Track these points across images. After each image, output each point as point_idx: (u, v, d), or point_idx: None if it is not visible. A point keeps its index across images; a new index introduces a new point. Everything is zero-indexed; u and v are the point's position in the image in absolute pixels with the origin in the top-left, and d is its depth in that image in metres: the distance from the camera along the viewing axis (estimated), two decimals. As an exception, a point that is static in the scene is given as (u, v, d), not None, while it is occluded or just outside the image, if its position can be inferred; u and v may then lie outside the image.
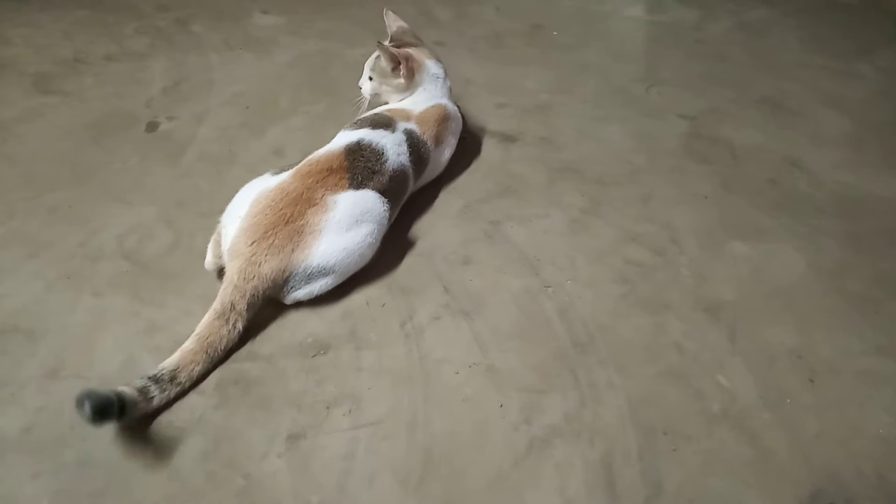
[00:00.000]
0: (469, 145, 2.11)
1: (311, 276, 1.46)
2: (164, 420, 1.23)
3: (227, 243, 1.48)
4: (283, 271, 1.43)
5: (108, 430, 1.21)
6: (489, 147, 2.14)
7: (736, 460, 1.25)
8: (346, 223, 1.50)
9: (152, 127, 2.09)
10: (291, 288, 1.46)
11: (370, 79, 1.97)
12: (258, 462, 1.18)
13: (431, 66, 1.96)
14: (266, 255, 1.42)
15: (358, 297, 1.53)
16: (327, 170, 1.55)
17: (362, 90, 2.01)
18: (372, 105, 1.96)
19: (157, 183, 1.84)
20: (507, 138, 2.19)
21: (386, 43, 1.95)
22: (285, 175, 1.56)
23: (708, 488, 1.20)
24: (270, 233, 1.44)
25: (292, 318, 1.46)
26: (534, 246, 1.71)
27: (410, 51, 1.95)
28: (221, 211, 1.72)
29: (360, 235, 1.52)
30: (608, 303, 1.57)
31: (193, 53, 2.57)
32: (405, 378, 1.35)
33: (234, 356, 1.36)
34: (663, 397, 1.35)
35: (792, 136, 2.31)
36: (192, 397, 1.27)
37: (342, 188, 1.54)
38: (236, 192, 1.80)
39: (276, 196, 1.49)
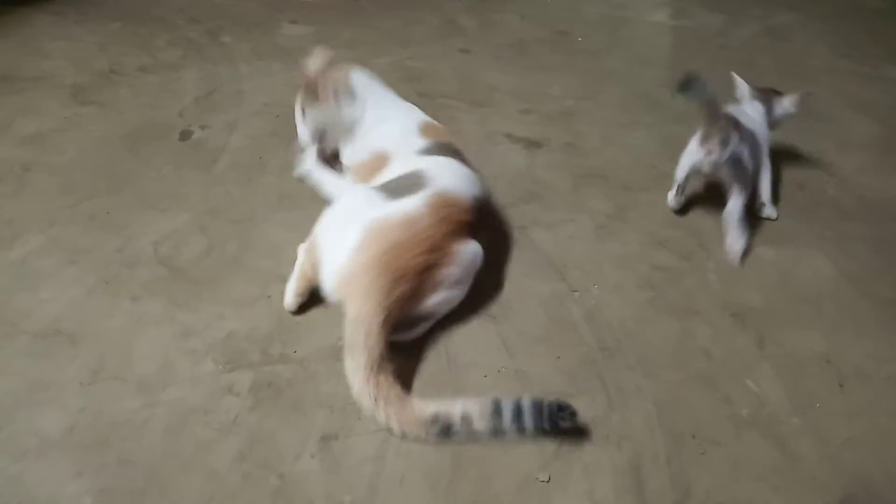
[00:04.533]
0: (494, 152, 2.13)
1: (413, 323, 1.43)
2: (200, 421, 1.26)
3: (334, 273, 1.40)
4: (400, 318, 1.37)
5: (147, 431, 1.25)
6: (514, 153, 2.15)
7: (764, 465, 1.25)
8: (460, 277, 1.45)
9: (185, 136, 2.14)
10: (396, 331, 1.38)
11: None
12: (292, 463, 1.20)
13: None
14: (396, 302, 1.34)
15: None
16: (461, 221, 1.47)
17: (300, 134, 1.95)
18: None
19: (190, 190, 1.89)
20: (533, 144, 2.21)
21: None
22: (412, 206, 1.43)
23: (736, 493, 1.20)
24: (402, 279, 1.35)
25: (323, 321, 1.49)
26: (560, 251, 1.73)
27: None
28: (253, 217, 1.77)
29: (464, 288, 1.49)
30: (635, 308, 1.58)
31: (224, 64, 2.62)
32: (434, 381, 1.37)
33: (267, 359, 1.39)
34: (691, 402, 1.35)
35: (819, 140, 2.30)
36: (227, 399, 1.31)
37: (465, 240, 1.47)
38: (267, 198, 1.85)
39: (411, 237, 1.37)
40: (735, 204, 1.76)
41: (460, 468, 1.21)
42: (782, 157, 2.19)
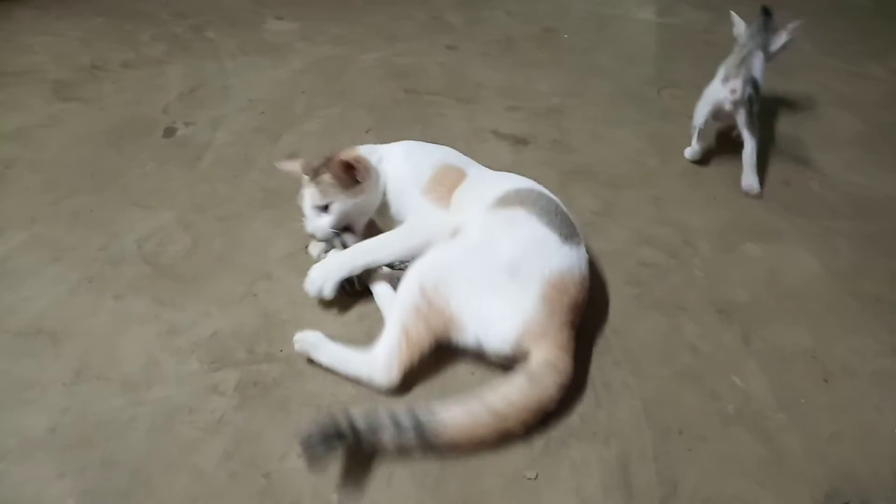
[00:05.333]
0: (481, 149, 2.13)
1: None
2: (186, 421, 1.25)
3: (518, 323, 1.29)
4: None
5: (132, 431, 1.23)
6: (501, 150, 2.15)
7: (751, 460, 1.25)
8: None
9: (170, 132, 2.12)
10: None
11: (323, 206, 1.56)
12: (279, 462, 1.19)
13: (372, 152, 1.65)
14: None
15: (374, 300, 1.54)
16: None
17: (319, 227, 1.56)
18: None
19: (175, 187, 1.87)
20: (519, 141, 2.20)
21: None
22: (580, 267, 1.39)
23: (723, 488, 1.20)
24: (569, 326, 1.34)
25: (309, 320, 1.48)
26: (548, 248, 1.72)
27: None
28: (238, 214, 1.76)
29: None
30: (622, 304, 1.58)
31: (209, 59, 2.60)
32: (421, 378, 1.36)
33: (253, 358, 1.38)
34: (678, 398, 1.35)
35: (804, 137, 2.31)
36: (213, 398, 1.29)
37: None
38: (252, 195, 1.83)
39: (577, 299, 1.36)
40: (749, 147, 2.03)
41: (448, 466, 1.21)
42: (768, 153, 2.21)
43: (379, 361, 1.30)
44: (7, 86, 2.31)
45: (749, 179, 2.01)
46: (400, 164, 1.63)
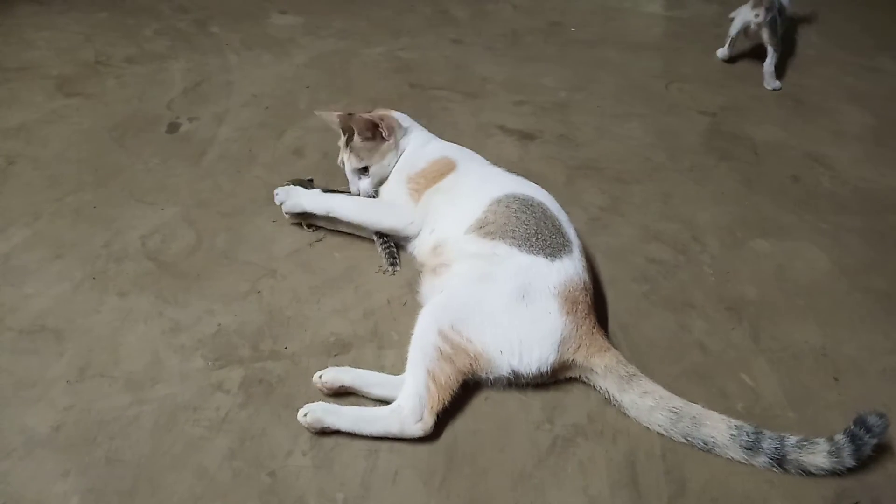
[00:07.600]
0: (487, 143, 2.11)
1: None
2: (190, 419, 1.24)
3: (556, 344, 1.31)
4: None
5: (135, 429, 1.22)
6: (507, 145, 2.13)
7: (761, 459, 1.24)
8: None
9: (173, 128, 2.11)
10: None
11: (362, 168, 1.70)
12: (283, 460, 1.19)
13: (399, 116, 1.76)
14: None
15: (379, 297, 1.53)
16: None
17: (361, 189, 1.71)
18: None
19: (178, 183, 1.86)
20: (526, 136, 2.19)
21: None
22: (578, 274, 1.39)
23: (732, 487, 1.19)
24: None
25: (314, 317, 1.47)
26: (554, 244, 1.71)
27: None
28: (242, 210, 1.75)
29: None
30: (630, 301, 1.56)
31: (213, 54, 2.59)
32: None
33: (258, 355, 1.37)
34: (687, 396, 1.33)
35: (813, 131, 2.29)
36: (217, 396, 1.29)
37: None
38: (256, 191, 1.82)
39: (587, 297, 1.39)
40: (769, 59, 2.58)
41: (454, 465, 1.20)
42: (777, 149, 2.18)
43: (406, 411, 1.23)
44: (9, 81, 2.30)
45: (769, 82, 2.57)
46: (412, 146, 1.72)
